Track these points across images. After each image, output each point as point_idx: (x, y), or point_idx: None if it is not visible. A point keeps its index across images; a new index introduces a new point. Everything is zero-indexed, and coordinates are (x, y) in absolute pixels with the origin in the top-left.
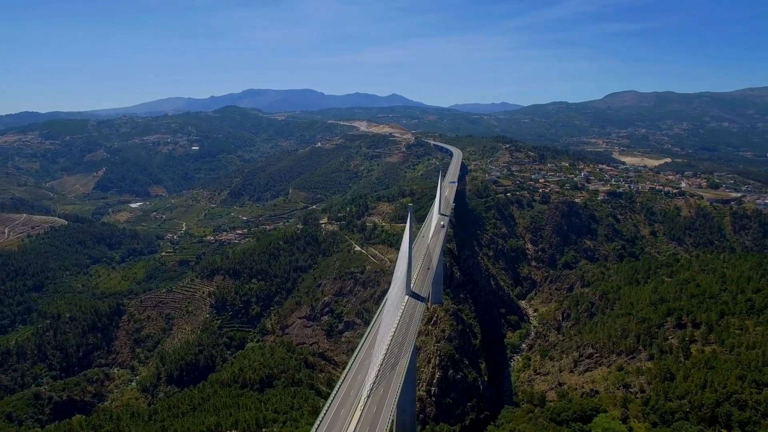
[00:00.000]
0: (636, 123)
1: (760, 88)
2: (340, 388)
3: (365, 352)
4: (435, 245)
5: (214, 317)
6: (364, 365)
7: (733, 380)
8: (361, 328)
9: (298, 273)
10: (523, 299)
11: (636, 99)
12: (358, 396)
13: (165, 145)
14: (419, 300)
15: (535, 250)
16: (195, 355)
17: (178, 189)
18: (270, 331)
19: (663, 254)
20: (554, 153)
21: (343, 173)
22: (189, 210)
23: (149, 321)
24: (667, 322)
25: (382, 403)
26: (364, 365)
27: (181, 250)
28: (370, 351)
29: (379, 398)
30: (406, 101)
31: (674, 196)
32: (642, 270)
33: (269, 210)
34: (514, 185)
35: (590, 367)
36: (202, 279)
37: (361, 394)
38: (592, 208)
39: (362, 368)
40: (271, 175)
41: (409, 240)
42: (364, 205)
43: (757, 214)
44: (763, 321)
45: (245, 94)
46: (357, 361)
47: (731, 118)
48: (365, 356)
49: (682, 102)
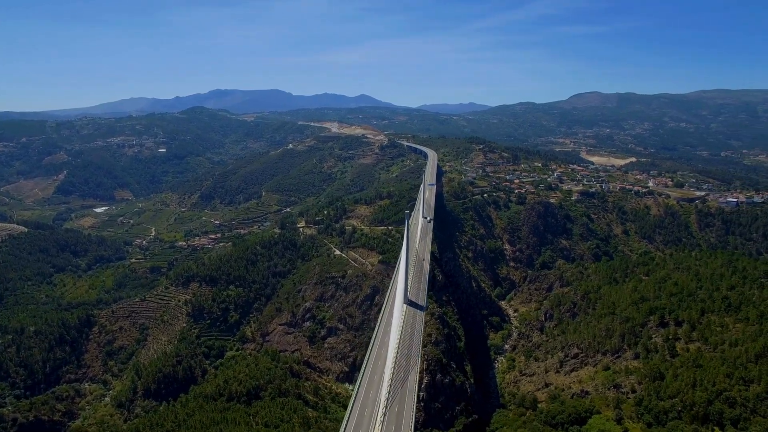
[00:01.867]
0: (600, 123)
1: (711, 91)
2: (353, 407)
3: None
4: (424, 251)
5: (191, 326)
6: (373, 381)
7: (722, 378)
8: (344, 333)
9: (277, 278)
10: (503, 300)
11: (600, 100)
12: (374, 414)
13: (130, 147)
14: (418, 309)
15: (513, 251)
16: (173, 367)
17: (145, 193)
18: (250, 338)
19: (635, 252)
20: (527, 154)
21: (317, 175)
22: (158, 214)
23: (122, 332)
24: (650, 321)
25: (399, 422)
26: (373, 381)
27: (152, 257)
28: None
29: (395, 416)
30: (375, 102)
31: (644, 195)
32: (620, 269)
33: (242, 213)
34: (490, 186)
35: (576, 367)
36: (177, 286)
37: (376, 412)
38: (567, 208)
39: (372, 384)
40: (242, 178)
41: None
42: (342, 208)
43: (720, 212)
44: (741, 318)
45: (212, 94)
46: (366, 376)
47: (688, 119)
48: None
49: (642, 103)
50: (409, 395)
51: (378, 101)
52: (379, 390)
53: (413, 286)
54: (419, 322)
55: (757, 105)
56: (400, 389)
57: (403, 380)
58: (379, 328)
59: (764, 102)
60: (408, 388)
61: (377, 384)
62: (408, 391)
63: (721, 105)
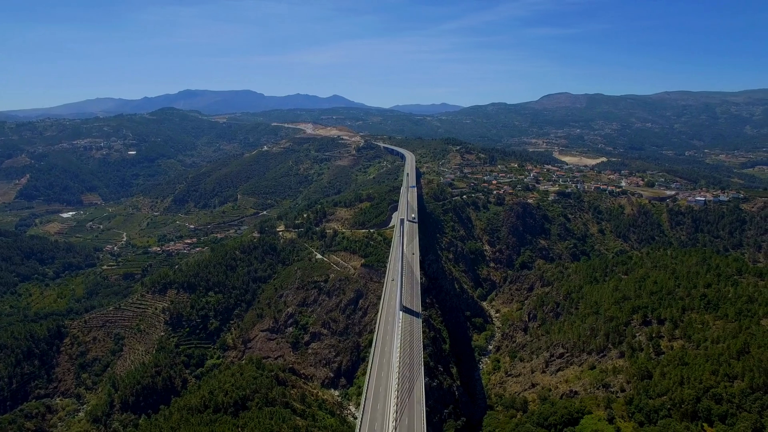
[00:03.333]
0: (571, 123)
1: (674, 92)
2: (363, 420)
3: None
4: (412, 255)
5: (169, 335)
6: (379, 393)
7: (708, 375)
8: (328, 338)
9: (257, 284)
10: (484, 300)
11: (569, 100)
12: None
13: (98, 149)
14: (414, 316)
15: (493, 251)
16: (152, 378)
17: (115, 197)
18: (231, 346)
19: (611, 251)
20: (503, 155)
21: (293, 177)
22: (129, 219)
23: (96, 343)
24: (633, 319)
25: None
26: (379, 393)
27: (125, 263)
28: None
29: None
30: (348, 102)
31: (617, 195)
32: (599, 268)
33: (218, 217)
34: (468, 188)
35: (562, 367)
36: (154, 294)
37: (387, 426)
38: (545, 209)
39: (378, 397)
40: (217, 181)
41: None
42: (322, 211)
43: (689, 210)
44: (721, 315)
45: (182, 95)
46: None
47: (653, 119)
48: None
49: (610, 104)
50: (417, 406)
51: (351, 102)
52: (387, 402)
53: (406, 291)
54: (417, 329)
55: (716, 107)
56: (407, 400)
57: (410, 390)
58: (377, 338)
59: (722, 104)
60: (415, 398)
61: (383, 396)
62: (415, 401)
63: (684, 106)
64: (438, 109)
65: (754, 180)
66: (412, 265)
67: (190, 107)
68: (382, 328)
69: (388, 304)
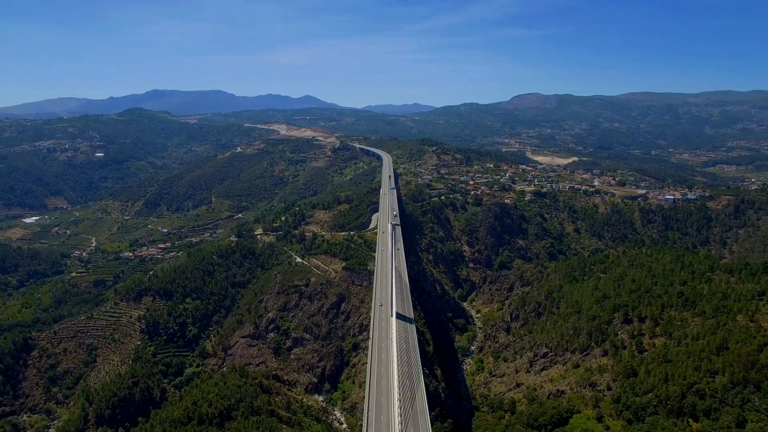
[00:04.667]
0: (542, 123)
1: (639, 93)
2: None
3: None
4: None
5: (146, 343)
6: (381, 403)
7: (691, 371)
8: (311, 343)
9: (236, 289)
10: (465, 301)
11: (540, 101)
12: None
13: (63, 151)
14: (407, 322)
15: (472, 252)
16: (129, 389)
17: (82, 200)
18: (211, 353)
19: (587, 249)
20: (478, 155)
21: (268, 179)
22: (98, 223)
23: (66, 354)
24: (614, 318)
25: None
26: (381, 403)
27: (96, 269)
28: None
29: None
30: (321, 103)
31: (591, 194)
32: (578, 268)
33: (192, 220)
34: (446, 188)
35: (546, 366)
36: (128, 301)
37: None
38: (522, 209)
39: (381, 408)
40: (190, 183)
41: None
42: (300, 214)
43: (660, 209)
44: (699, 312)
45: (150, 95)
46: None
47: (620, 120)
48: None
49: (579, 104)
50: (420, 416)
51: (323, 102)
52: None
53: (397, 297)
54: (412, 336)
55: (678, 107)
56: (410, 410)
57: (412, 400)
58: (373, 346)
59: (684, 105)
60: (418, 408)
61: (386, 407)
62: (419, 411)
63: (648, 107)
64: (410, 110)
65: (715, 178)
66: (400, 270)
67: (160, 108)
68: (376, 335)
69: (380, 310)
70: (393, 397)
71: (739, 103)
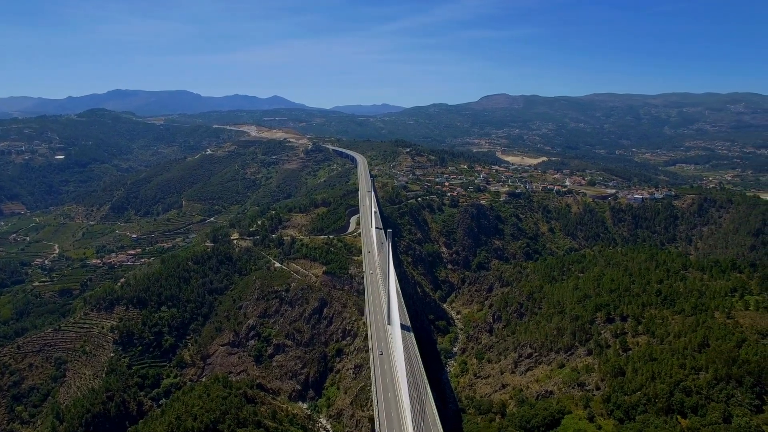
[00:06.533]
0: (510, 124)
1: (602, 94)
2: None
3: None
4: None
5: (120, 355)
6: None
7: (676, 369)
8: (293, 350)
9: (214, 296)
10: (444, 302)
11: (508, 101)
12: None
13: (19, 153)
14: (404, 330)
15: (450, 253)
16: (103, 404)
17: (42, 205)
18: (189, 363)
19: (561, 249)
20: (452, 156)
21: (240, 182)
22: (61, 229)
23: (32, 370)
24: (597, 317)
25: None
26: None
27: (60, 278)
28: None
29: None
30: (289, 103)
31: (564, 194)
32: (556, 267)
33: (162, 225)
34: (422, 190)
35: (531, 367)
36: (99, 311)
37: None
38: (497, 209)
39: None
40: (159, 186)
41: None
42: (277, 217)
43: (629, 207)
44: (678, 310)
45: (112, 95)
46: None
47: (585, 120)
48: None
49: (546, 105)
50: (433, 427)
51: (291, 102)
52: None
53: (393, 305)
54: (411, 344)
55: (639, 108)
56: (422, 423)
57: (422, 413)
58: (374, 356)
59: (644, 106)
60: (429, 420)
61: (397, 421)
62: (431, 424)
63: (611, 107)
64: (380, 110)
65: (677, 177)
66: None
67: (123, 108)
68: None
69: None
70: (403, 409)
71: (694, 105)
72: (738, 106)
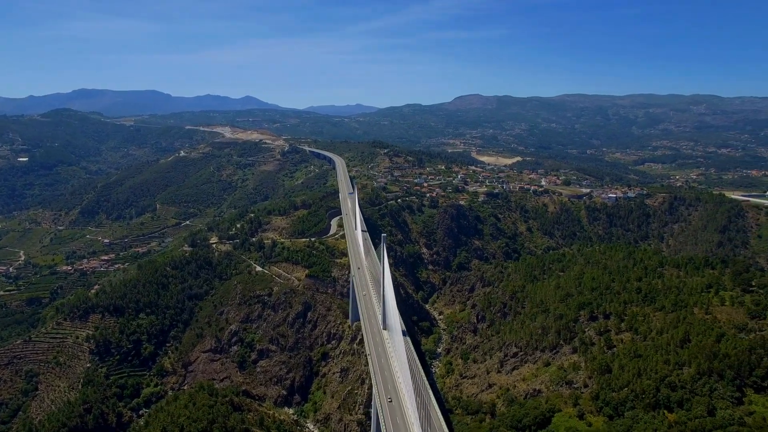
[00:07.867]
0: (484, 124)
1: (573, 95)
2: None
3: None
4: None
5: (96, 365)
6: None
7: (661, 365)
8: (278, 355)
9: (194, 301)
10: (426, 303)
11: (481, 102)
12: None
13: None
14: (402, 335)
15: (431, 254)
16: (80, 417)
17: (5, 210)
18: (170, 371)
19: (539, 248)
20: (429, 157)
21: (216, 184)
22: (26, 235)
23: (1, 384)
24: (580, 316)
25: None
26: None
27: (28, 286)
28: None
29: None
30: (262, 103)
31: (540, 194)
32: (537, 267)
33: (136, 229)
34: (402, 191)
35: (517, 366)
36: (73, 320)
37: None
38: (476, 210)
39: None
40: (131, 189)
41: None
42: (256, 220)
43: (604, 206)
44: (659, 307)
45: (77, 94)
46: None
47: (557, 120)
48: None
49: (518, 105)
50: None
51: (264, 103)
52: None
53: (389, 309)
54: (410, 349)
55: (608, 109)
56: (429, 429)
57: (428, 419)
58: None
59: (613, 106)
60: (436, 426)
61: (403, 428)
62: (437, 429)
63: (582, 108)
64: (353, 110)
65: (646, 176)
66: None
67: (89, 108)
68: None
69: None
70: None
71: (659, 105)
72: (700, 107)
